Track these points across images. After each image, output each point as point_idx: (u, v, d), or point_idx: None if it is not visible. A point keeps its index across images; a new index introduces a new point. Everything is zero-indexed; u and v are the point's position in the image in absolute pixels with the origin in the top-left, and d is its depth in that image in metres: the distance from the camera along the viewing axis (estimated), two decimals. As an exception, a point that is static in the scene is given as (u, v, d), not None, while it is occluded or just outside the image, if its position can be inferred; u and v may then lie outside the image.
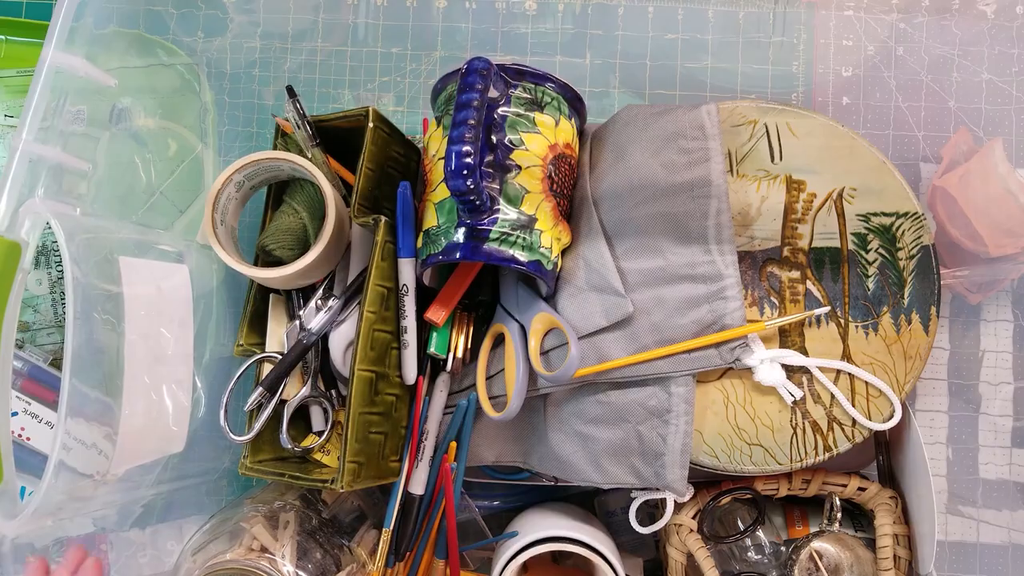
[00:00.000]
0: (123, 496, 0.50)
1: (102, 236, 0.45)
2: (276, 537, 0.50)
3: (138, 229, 0.51)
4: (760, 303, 0.54)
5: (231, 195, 0.56)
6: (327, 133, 0.57)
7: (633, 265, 0.52)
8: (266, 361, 0.57)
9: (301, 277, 0.56)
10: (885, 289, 0.54)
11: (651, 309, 0.51)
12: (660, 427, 0.51)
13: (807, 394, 0.53)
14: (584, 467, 0.53)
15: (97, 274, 0.43)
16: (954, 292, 0.63)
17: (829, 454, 0.53)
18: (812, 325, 0.54)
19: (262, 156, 0.55)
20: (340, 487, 0.49)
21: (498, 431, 0.58)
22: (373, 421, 0.52)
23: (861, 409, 0.52)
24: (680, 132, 0.52)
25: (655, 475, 0.51)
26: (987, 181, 0.57)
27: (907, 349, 0.53)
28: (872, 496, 0.57)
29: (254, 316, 0.59)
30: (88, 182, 0.45)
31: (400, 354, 0.54)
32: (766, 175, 0.55)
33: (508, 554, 0.55)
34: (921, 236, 0.53)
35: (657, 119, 0.53)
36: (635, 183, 0.52)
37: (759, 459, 0.53)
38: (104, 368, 0.45)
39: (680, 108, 0.53)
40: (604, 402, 0.52)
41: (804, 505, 0.62)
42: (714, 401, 0.53)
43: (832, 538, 0.57)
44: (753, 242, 0.55)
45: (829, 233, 0.54)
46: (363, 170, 0.54)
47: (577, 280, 0.52)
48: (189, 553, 0.50)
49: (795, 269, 0.54)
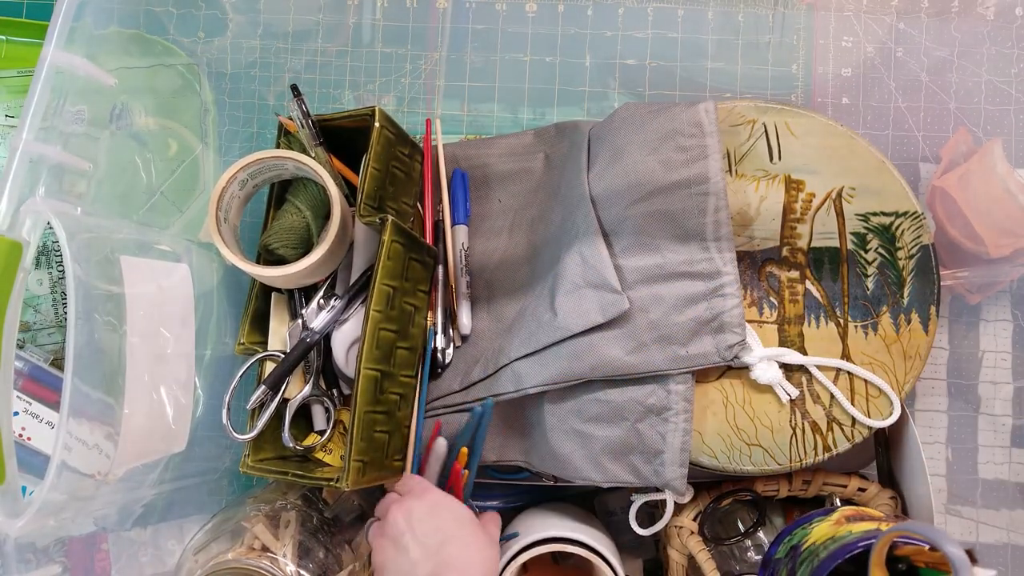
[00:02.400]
0: (125, 496, 0.50)
1: (103, 236, 0.45)
2: (278, 537, 0.50)
3: (138, 228, 0.51)
4: (759, 303, 0.54)
5: (234, 194, 0.56)
6: (329, 133, 0.58)
7: (630, 263, 0.52)
8: (268, 360, 0.57)
9: (305, 276, 0.56)
10: (884, 289, 0.54)
11: (649, 307, 0.51)
12: (659, 425, 0.51)
13: (806, 394, 0.53)
14: (583, 465, 0.53)
15: (98, 274, 0.43)
16: (954, 292, 0.63)
17: (829, 454, 0.53)
18: (811, 325, 0.54)
19: (267, 155, 0.55)
20: (345, 486, 0.49)
21: (500, 429, 0.58)
22: (378, 420, 0.52)
23: (860, 408, 0.53)
24: (678, 130, 0.52)
25: (654, 473, 0.51)
26: (986, 181, 0.57)
27: (907, 349, 0.53)
28: (872, 497, 0.57)
29: (256, 315, 0.59)
30: (89, 181, 0.45)
31: (458, 307, 0.60)
32: (765, 175, 0.55)
33: (508, 555, 0.55)
34: (920, 236, 0.54)
35: (654, 117, 0.53)
36: (633, 181, 0.52)
37: (759, 459, 0.53)
38: (105, 368, 0.45)
39: (677, 106, 0.53)
40: (603, 400, 0.52)
41: (804, 506, 0.62)
42: (713, 401, 0.54)
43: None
44: (752, 242, 0.55)
45: (828, 233, 0.54)
46: (369, 170, 0.54)
47: (574, 277, 0.52)
48: (191, 552, 0.50)
49: (794, 269, 0.54)
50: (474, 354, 0.58)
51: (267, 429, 0.56)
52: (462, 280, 0.60)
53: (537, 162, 0.62)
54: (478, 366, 0.57)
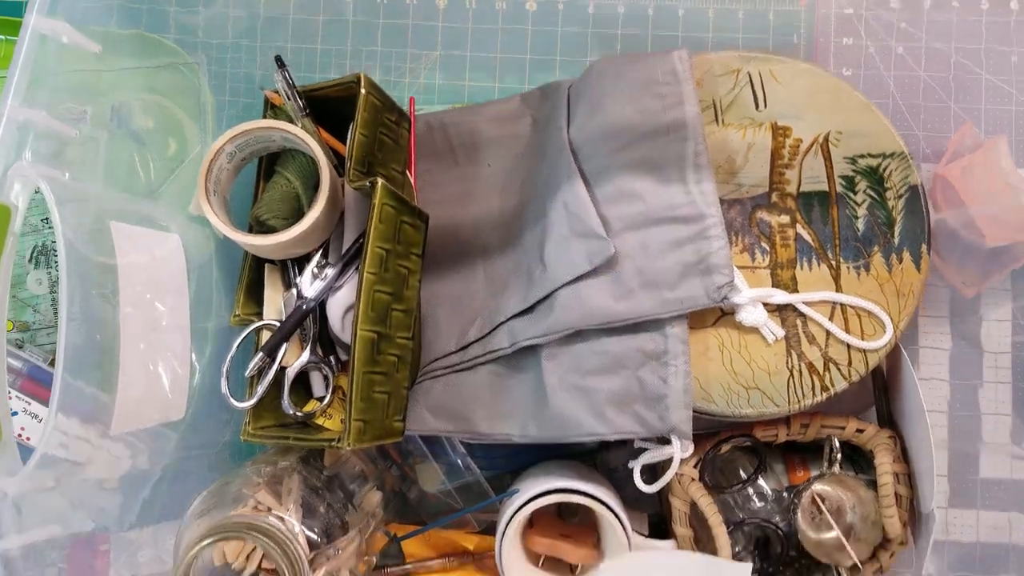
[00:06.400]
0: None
1: (93, 203, 0.45)
2: (281, 500, 0.50)
3: (129, 199, 0.51)
4: (751, 249, 0.55)
5: (223, 166, 0.56)
6: (316, 104, 0.58)
7: (614, 211, 0.52)
8: (265, 329, 0.57)
9: (297, 245, 0.56)
10: (875, 229, 0.54)
11: (635, 253, 0.52)
12: (660, 370, 0.51)
13: (802, 336, 0.54)
14: (588, 420, 0.53)
15: (88, 242, 0.43)
16: (949, 285, 0.64)
17: (826, 394, 0.53)
18: (804, 268, 0.54)
19: (253, 125, 0.55)
20: (347, 445, 0.49)
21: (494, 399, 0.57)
22: (376, 380, 0.52)
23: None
24: (653, 79, 0.53)
25: (659, 419, 0.51)
26: (989, 174, 0.58)
27: (900, 287, 0.54)
28: (871, 437, 0.57)
29: (250, 287, 0.59)
30: (79, 149, 0.45)
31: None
32: (751, 123, 0.55)
33: (513, 508, 0.56)
34: (908, 175, 0.54)
35: (630, 67, 0.54)
36: (612, 131, 0.53)
37: (757, 402, 0.53)
38: (100, 337, 0.46)
39: (652, 55, 0.54)
40: (601, 352, 0.52)
41: (804, 452, 0.62)
42: (709, 347, 0.54)
43: (833, 480, 0.57)
44: (741, 189, 0.55)
45: (817, 177, 0.55)
46: (357, 136, 0.54)
47: (561, 228, 0.53)
48: (192, 518, 0.50)
49: (784, 214, 0.55)
50: (470, 315, 0.59)
51: (267, 398, 0.57)
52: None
53: (524, 126, 0.63)
54: (474, 327, 0.58)
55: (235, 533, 0.46)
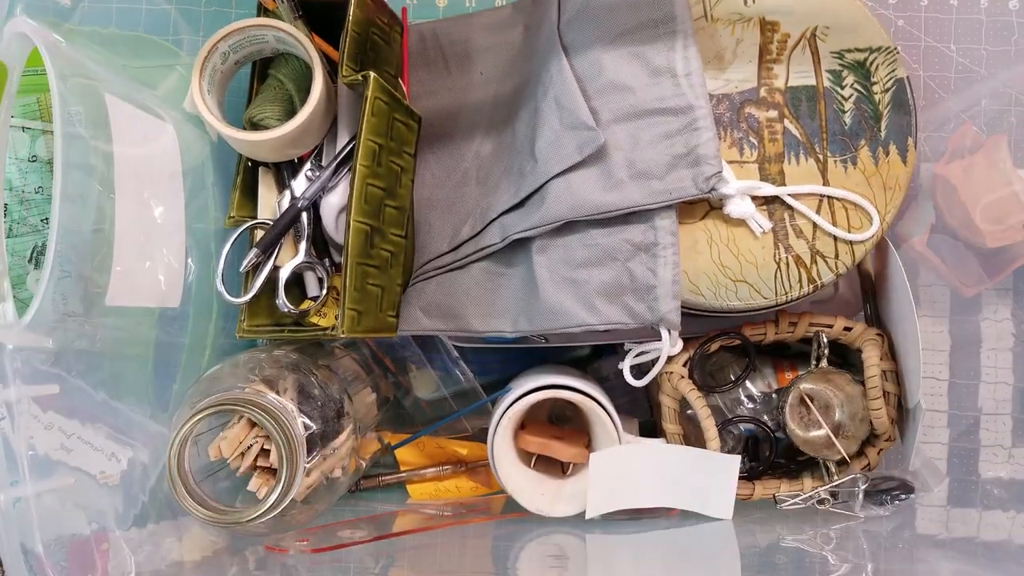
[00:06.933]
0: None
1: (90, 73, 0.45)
2: (277, 387, 0.51)
3: (126, 81, 0.51)
4: (739, 144, 0.55)
5: (216, 66, 0.56)
6: (308, 10, 0.58)
7: (604, 104, 0.53)
8: (259, 228, 0.58)
9: (290, 144, 0.56)
10: (862, 123, 0.54)
11: (624, 145, 0.52)
12: (649, 261, 0.52)
13: (789, 229, 0.54)
14: (577, 311, 0.53)
15: (84, 114, 0.44)
16: (948, 285, 0.64)
17: (813, 286, 0.54)
18: (791, 162, 0.55)
19: (247, 23, 0.55)
20: (341, 332, 0.50)
21: (486, 296, 0.58)
22: (370, 273, 0.53)
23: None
24: None
25: (649, 310, 0.52)
26: (990, 173, 0.58)
27: (886, 180, 0.54)
28: (859, 335, 0.58)
29: (244, 188, 0.59)
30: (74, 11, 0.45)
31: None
32: (740, 18, 0.55)
33: (506, 403, 0.56)
34: (895, 69, 0.54)
35: None
36: (601, 25, 0.53)
37: (744, 295, 0.54)
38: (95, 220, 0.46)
39: None
40: (590, 244, 0.53)
41: (793, 358, 0.63)
42: (698, 241, 0.54)
43: (820, 377, 0.58)
44: (730, 85, 0.56)
45: (804, 71, 0.55)
46: (349, 32, 0.55)
47: (552, 123, 0.53)
48: (186, 406, 0.50)
49: (772, 109, 0.55)
50: (462, 215, 0.59)
51: (262, 297, 0.57)
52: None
53: (517, 34, 0.63)
54: (466, 226, 0.58)
55: (231, 406, 0.46)
